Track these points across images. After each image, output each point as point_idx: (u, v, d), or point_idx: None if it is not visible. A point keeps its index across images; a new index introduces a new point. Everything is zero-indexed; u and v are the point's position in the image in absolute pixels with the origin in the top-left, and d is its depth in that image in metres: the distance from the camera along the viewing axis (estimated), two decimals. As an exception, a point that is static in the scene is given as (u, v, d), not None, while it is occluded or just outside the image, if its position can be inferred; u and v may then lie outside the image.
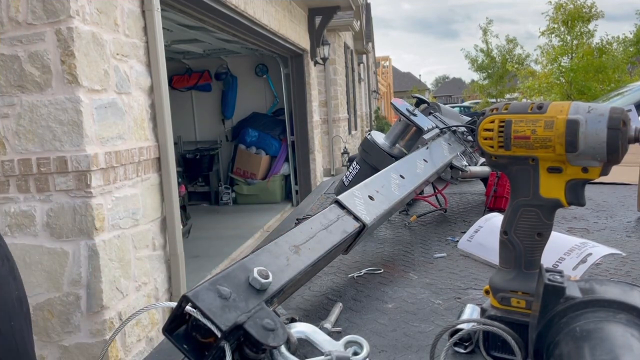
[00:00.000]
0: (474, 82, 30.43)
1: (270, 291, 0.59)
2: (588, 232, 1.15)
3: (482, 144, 0.63)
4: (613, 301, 0.48)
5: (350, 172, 1.25)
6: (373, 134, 1.24)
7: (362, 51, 17.72)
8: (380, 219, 0.89)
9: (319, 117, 9.16)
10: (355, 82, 16.32)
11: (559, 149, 0.57)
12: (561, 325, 0.49)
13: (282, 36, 6.64)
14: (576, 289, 0.50)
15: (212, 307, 0.52)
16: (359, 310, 0.82)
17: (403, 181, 1.00)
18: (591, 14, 17.57)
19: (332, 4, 8.43)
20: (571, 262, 0.87)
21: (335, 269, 1.01)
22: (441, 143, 1.24)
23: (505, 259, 0.64)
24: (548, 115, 0.58)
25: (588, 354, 0.44)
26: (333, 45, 10.77)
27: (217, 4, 4.32)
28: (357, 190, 0.89)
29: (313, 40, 8.52)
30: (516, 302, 0.62)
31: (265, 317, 0.54)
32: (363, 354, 0.60)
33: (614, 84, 15.44)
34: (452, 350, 0.66)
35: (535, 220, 0.61)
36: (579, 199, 0.60)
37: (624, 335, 0.45)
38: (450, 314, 0.79)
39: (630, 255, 0.98)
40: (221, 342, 0.51)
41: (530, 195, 0.61)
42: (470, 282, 0.91)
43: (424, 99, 1.44)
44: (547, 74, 17.76)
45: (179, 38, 5.90)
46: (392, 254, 1.10)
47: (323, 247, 0.73)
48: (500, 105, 0.63)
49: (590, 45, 17.53)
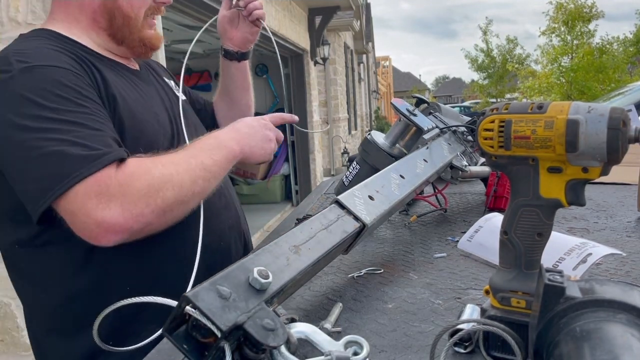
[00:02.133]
0: (474, 82, 30.45)
1: (270, 291, 0.59)
2: (588, 232, 1.15)
3: (482, 144, 0.63)
4: (613, 301, 0.48)
5: (350, 172, 1.25)
6: (373, 134, 1.24)
7: (362, 51, 17.73)
8: (380, 219, 0.89)
9: (319, 117, 9.15)
10: (355, 82, 16.33)
11: (559, 149, 0.57)
12: (561, 325, 0.49)
13: (282, 36, 6.64)
14: (576, 289, 0.50)
15: (212, 307, 0.52)
16: (359, 310, 0.82)
17: (403, 181, 1.00)
18: (591, 14, 17.59)
19: (332, 4, 8.43)
20: (571, 262, 0.87)
21: (335, 269, 1.01)
22: (441, 143, 1.24)
23: (505, 259, 0.64)
24: (548, 115, 0.58)
25: (588, 354, 0.44)
26: (333, 45, 10.77)
27: (217, 4, 4.32)
28: (357, 190, 0.89)
29: (313, 40, 8.52)
30: (516, 302, 0.62)
31: (265, 317, 0.54)
32: (363, 354, 0.60)
33: (614, 84, 15.44)
34: (452, 350, 0.66)
35: (536, 220, 0.61)
36: (579, 199, 0.60)
37: (624, 335, 0.45)
38: (450, 314, 0.79)
39: (630, 255, 0.98)
40: (221, 342, 0.51)
41: (530, 195, 0.61)
42: (470, 282, 0.91)
43: (424, 99, 1.44)
44: (548, 74, 17.77)
45: (179, 38, 5.90)
46: (392, 254, 1.10)
47: (323, 247, 0.73)
48: (500, 105, 0.63)
49: (590, 45, 17.55)
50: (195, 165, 0.93)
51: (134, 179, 0.86)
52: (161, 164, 0.91)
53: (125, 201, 0.84)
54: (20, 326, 2.68)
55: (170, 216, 0.91)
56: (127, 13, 1.09)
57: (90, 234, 0.85)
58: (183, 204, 0.92)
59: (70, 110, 0.90)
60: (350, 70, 14.86)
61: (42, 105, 0.89)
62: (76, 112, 0.90)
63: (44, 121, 0.88)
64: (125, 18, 1.09)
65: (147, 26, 1.14)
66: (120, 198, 0.84)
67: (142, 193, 0.86)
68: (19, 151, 0.87)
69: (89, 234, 0.85)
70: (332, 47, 10.54)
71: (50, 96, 0.90)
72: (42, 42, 1.02)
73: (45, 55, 0.97)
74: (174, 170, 0.90)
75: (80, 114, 0.91)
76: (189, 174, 0.92)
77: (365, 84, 20.38)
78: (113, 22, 1.09)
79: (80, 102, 0.92)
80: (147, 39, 1.14)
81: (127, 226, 0.84)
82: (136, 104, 1.05)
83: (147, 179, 0.88)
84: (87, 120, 0.90)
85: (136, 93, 1.09)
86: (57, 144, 0.86)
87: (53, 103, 0.89)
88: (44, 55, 0.96)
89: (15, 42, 1.04)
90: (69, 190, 0.84)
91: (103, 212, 0.83)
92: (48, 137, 0.86)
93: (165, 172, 0.90)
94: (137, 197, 0.85)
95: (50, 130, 0.87)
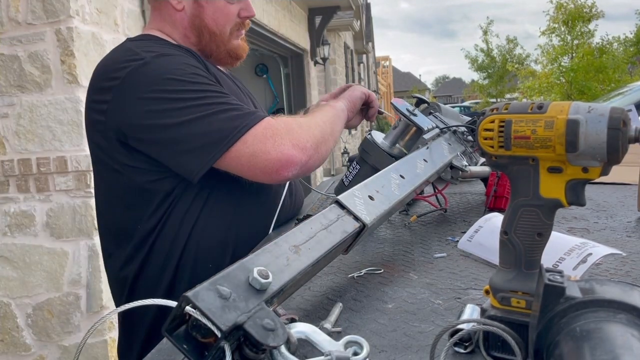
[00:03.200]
0: (474, 82, 30.47)
1: (270, 291, 0.59)
2: (588, 232, 1.15)
3: (482, 144, 0.63)
4: (613, 301, 0.48)
5: (350, 172, 1.25)
6: (373, 134, 1.24)
7: (362, 51, 17.73)
8: (380, 219, 0.89)
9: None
10: (356, 82, 16.32)
11: (559, 149, 0.57)
12: (561, 325, 0.49)
13: (282, 36, 6.65)
14: (576, 289, 0.50)
15: (212, 307, 0.52)
16: (359, 310, 0.82)
17: (403, 181, 1.00)
18: (591, 13, 17.59)
19: (332, 4, 8.43)
20: (571, 262, 0.87)
21: (335, 269, 1.01)
22: (441, 143, 1.24)
23: (505, 259, 0.64)
24: (548, 115, 0.58)
25: (588, 354, 0.43)
26: (333, 45, 10.78)
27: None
28: (357, 190, 0.89)
29: (313, 40, 8.52)
30: (516, 302, 0.62)
31: (265, 317, 0.54)
32: (363, 354, 0.60)
33: (614, 84, 15.44)
34: (452, 350, 0.66)
35: (536, 220, 0.61)
36: (579, 199, 0.60)
37: (624, 335, 0.45)
38: (450, 314, 0.79)
39: (630, 255, 0.98)
40: (221, 342, 0.51)
41: (530, 195, 0.61)
42: (470, 282, 0.91)
43: (424, 99, 1.44)
44: (548, 74, 17.77)
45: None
46: (392, 254, 1.10)
47: (323, 247, 0.73)
48: (500, 105, 0.63)
49: (590, 45, 17.55)
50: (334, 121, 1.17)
51: (289, 122, 1.05)
52: (310, 116, 1.14)
53: (292, 138, 1.02)
54: (20, 326, 2.68)
55: (320, 151, 1.09)
56: (212, 30, 1.19)
57: (271, 170, 1.00)
58: (325, 142, 1.11)
59: (209, 85, 1.04)
60: (350, 70, 14.86)
61: (185, 81, 1.02)
62: (214, 88, 1.05)
63: (194, 93, 1.01)
64: (212, 35, 1.20)
65: (234, 38, 1.24)
66: (288, 136, 1.02)
67: (303, 130, 1.05)
68: (178, 118, 1.00)
69: (270, 170, 1.00)
70: (332, 47, 10.55)
71: (188, 75, 1.03)
72: (155, 41, 1.16)
73: (167, 48, 1.11)
74: (321, 121, 1.13)
75: (217, 90, 1.05)
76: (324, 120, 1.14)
77: (365, 84, 20.38)
78: (201, 38, 1.20)
79: (212, 82, 1.07)
80: (234, 49, 1.24)
81: (298, 158, 1.02)
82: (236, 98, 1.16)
83: (298, 122, 1.08)
84: (224, 94, 1.05)
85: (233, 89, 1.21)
86: (215, 107, 1.00)
87: (193, 79, 1.03)
88: (166, 48, 1.11)
89: (128, 42, 1.17)
90: (246, 134, 0.99)
91: (281, 148, 1.00)
92: (205, 103, 1.01)
93: (306, 120, 1.11)
94: (299, 133, 1.04)
95: (203, 98, 1.01)
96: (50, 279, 2.63)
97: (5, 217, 2.64)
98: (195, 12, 1.17)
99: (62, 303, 2.64)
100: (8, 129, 2.59)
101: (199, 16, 1.17)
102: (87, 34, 2.60)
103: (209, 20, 1.18)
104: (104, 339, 2.61)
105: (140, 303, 0.59)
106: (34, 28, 2.52)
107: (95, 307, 2.62)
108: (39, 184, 2.60)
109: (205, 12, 1.17)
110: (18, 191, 2.62)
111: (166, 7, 1.19)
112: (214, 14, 1.17)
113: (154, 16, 1.23)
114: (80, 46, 2.54)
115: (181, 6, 1.17)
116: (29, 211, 2.62)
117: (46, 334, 2.66)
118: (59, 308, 2.64)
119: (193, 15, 1.18)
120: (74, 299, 2.63)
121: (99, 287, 2.61)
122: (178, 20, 1.18)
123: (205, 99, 1.01)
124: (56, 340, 2.65)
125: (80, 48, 2.55)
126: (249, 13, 1.22)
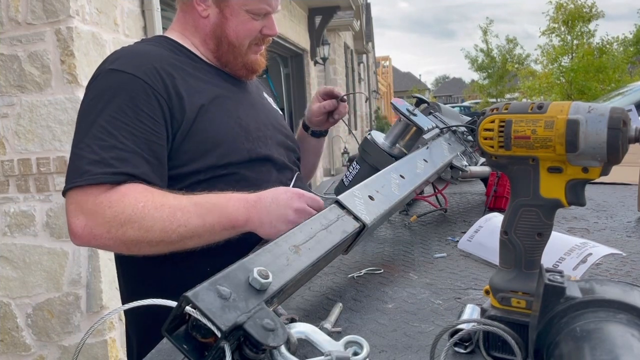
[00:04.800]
0: (474, 82, 30.46)
1: (270, 291, 0.59)
2: (588, 232, 1.15)
3: (482, 144, 0.63)
4: (613, 301, 0.48)
5: (350, 172, 1.25)
6: (373, 134, 1.24)
7: (362, 51, 17.72)
8: (380, 219, 0.89)
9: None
10: (355, 82, 16.32)
11: (559, 149, 0.57)
12: (561, 325, 0.49)
13: (282, 36, 6.64)
14: (576, 289, 0.50)
15: (212, 307, 0.52)
16: (359, 310, 0.82)
17: (403, 181, 1.00)
18: (591, 13, 17.57)
19: (332, 4, 8.43)
20: (571, 262, 0.87)
21: (335, 269, 1.01)
22: (441, 143, 1.24)
23: (505, 259, 0.64)
24: (548, 115, 0.58)
25: (588, 354, 0.43)
26: (333, 45, 10.77)
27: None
28: (357, 190, 0.89)
29: (313, 40, 8.52)
30: (516, 302, 0.62)
31: (265, 317, 0.54)
32: (363, 354, 0.60)
33: (614, 84, 15.43)
34: (452, 350, 0.66)
35: (536, 220, 0.61)
36: (579, 199, 0.60)
37: (624, 335, 0.45)
38: (450, 314, 0.79)
39: (630, 255, 0.98)
40: (221, 342, 0.51)
41: (530, 195, 0.61)
42: (470, 282, 0.91)
43: (424, 99, 1.44)
44: (548, 74, 17.75)
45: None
46: (392, 254, 1.10)
47: (323, 247, 0.73)
48: (500, 105, 0.63)
49: (590, 45, 17.53)
50: (178, 218, 0.98)
51: (106, 206, 0.97)
52: (150, 202, 0.99)
53: (90, 219, 0.98)
54: (20, 326, 2.68)
55: (136, 249, 1.01)
56: (232, 42, 1.21)
57: (68, 230, 1.01)
58: (150, 245, 0.99)
59: (119, 120, 1.03)
60: (350, 70, 14.86)
61: (101, 108, 1.04)
62: (122, 124, 1.03)
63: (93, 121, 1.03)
64: (230, 46, 1.22)
65: (252, 52, 1.25)
66: (88, 215, 0.98)
67: (106, 220, 0.97)
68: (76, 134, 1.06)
69: (68, 229, 1.01)
70: (332, 47, 10.54)
71: (112, 103, 1.04)
72: (150, 48, 1.18)
73: (135, 64, 1.10)
74: (151, 215, 0.97)
75: (125, 125, 1.03)
76: (163, 224, 0.98)
77: (365, 83, 20.38)
78: (220, 47, 1.22)
79: (136, 116, 1.04)
80: (250, 63, 1.25)
81: (85, 239, 0.99)
82: (218, 109, 1.16)
83: (119, 211, 0.97)
84: (126, 134, 1.03)
85: (225, 98, 1.20)
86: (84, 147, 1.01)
87: (110, 109, 1.03)
88: (133, 64, 1.10)
89: (135, 43, 1.22)
90: (70, 190, 1.01)
91: (72, 219, 0.99)
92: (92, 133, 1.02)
93: (140, 213, 0.97)
94: (101, 222, 0.97)
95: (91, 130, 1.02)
96: (50, 279, 2.63)
97: (5, 217, 2.64)
98: (218, 21, 1.20)
99: (62, 303, 2.64)
100: (8, 129, 2.59)
101: (222, 26, 1.20)
102: (87, 34, 2.60)
103: (230, 32, 1.20)
104: (104, 339, 2.61)
105: (140, 303, 0.59)
106: (34, 28, 2.52)
107: (95, 307, 2.62)
108: (38, 184, 2.60)
109: (228, 24, 1.20)
110: (18, 191, 2.62)
111: (192, 11, 1.22)
112: (236, 26, 1.20)
113: (178, 17, 1.26)
114: (80, 46, 2.54)
115: (206, 14, 1.20)
116: (28, 211, 2.62)
117: (46, 334, 2.66)
118: (58, 308, 2.64)
119: (216, 24, 1.20)
120: (73, 299, 2.63)
121: (99, 287, 2.61)
122: (201, 26, 1.22)
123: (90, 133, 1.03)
124: (56, 340, 2.65)
125: (80, 48, 2.54)
126: (271, 32, 1.24)
